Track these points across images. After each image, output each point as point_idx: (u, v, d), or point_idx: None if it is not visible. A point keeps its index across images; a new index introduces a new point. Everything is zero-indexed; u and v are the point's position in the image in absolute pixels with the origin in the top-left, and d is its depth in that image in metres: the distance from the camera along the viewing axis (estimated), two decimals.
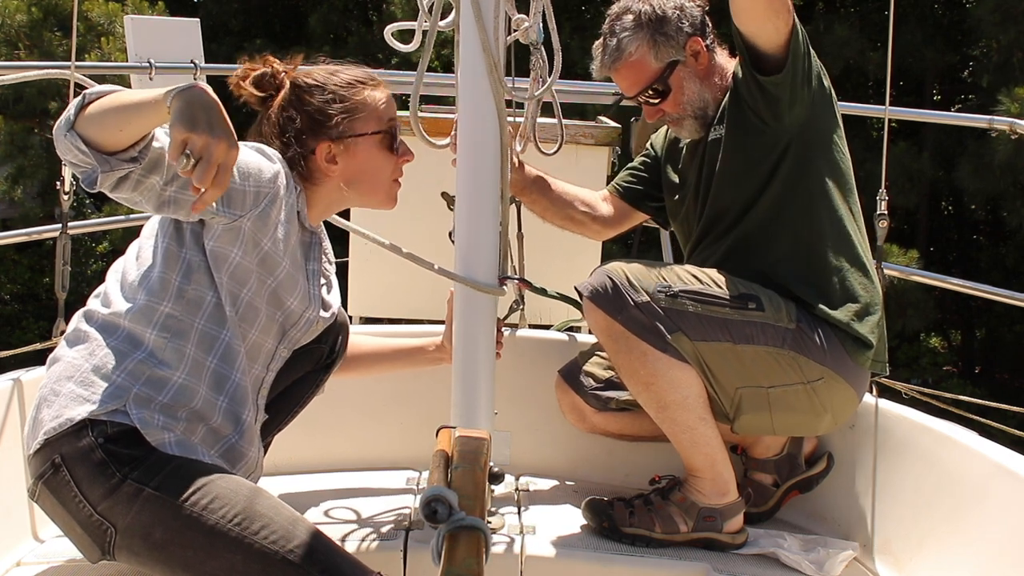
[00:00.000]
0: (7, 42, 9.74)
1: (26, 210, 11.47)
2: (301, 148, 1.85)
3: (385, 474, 2.49)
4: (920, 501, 2.15)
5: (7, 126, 10.58)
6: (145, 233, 1.82)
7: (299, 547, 1.55)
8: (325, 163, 1.87)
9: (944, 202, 11.67)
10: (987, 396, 3.88)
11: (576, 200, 2.50)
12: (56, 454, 1.60)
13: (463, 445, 1.30)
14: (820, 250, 2.13)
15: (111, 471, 1.57)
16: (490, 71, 1.95)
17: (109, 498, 1.57)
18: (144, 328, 1.69)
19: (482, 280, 1.98)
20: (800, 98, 2.11)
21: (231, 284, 1.73)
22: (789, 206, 2.14)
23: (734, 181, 2.19)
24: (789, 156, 2.14)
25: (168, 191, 1.59)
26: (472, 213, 1.99)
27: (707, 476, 2.13)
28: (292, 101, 1.88)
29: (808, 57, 2.11)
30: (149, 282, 1.72)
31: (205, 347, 1.72)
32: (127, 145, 1.52)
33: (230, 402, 1.74)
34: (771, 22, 2.02)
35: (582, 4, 10.16)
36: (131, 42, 3.41)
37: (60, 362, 1.71)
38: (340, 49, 11.26)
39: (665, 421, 2.12)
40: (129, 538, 1.57)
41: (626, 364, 2.09)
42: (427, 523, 1.05)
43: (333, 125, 1.87)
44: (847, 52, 8.52)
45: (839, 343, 2.09)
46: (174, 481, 1.57)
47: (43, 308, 11.93)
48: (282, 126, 1.86)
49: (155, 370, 1.67)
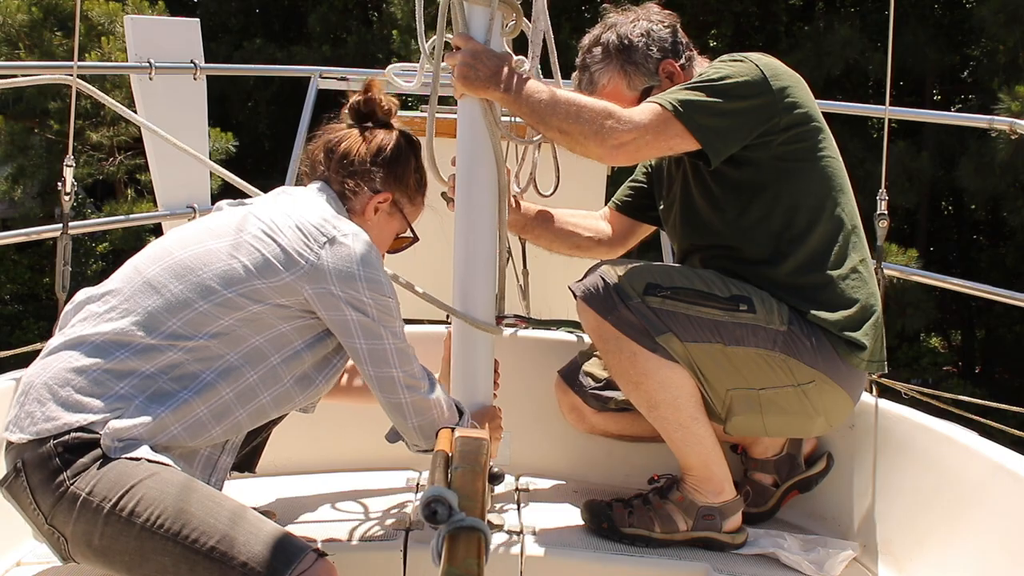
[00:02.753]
0: (7, 42, 9.75)
1: (26, 210, 11.49)
2: (373, 185, 1.95)
3: (385, 474, 2.49)
4: (920, 501, 2.15)
5: (7, 126, 10.59)
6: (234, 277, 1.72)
7: (221, 542, 1.53)
8: (371, 207, 1.95)
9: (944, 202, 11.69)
10: (987, 396, 3.89)
11: (579, 228, 2.50)
12: (19, 459, 1.59)
13: (463, 445, 1.30)
14: (810, 255, 2.11)
15: (60, 479, 1.56)
16: (485, 113, 1.99)
17: (56, 506, 1.56)
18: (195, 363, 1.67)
19: (480, 319, 2.06)
20: (767, 141, 2.08)
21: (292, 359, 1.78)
22: (775, 214, 2.11)
23: (714, 194, 2.17)
24: (769, 170, 2.10)
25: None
26: (470, 253, 2.05)
27: (701, 475, 2.13)
28: (402, 148, 1.99)
29: (751, 119, 2.05)
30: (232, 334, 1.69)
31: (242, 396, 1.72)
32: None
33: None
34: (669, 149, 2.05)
35: (582, 4, 10.17)
36: (131, 42, 3.41)
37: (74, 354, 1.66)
38: (340, 48, 11.28)
39: (657, 420, 2.12)
40: (76, 545, 1.57)
41: (616, 364, 2.10)
42: (427, 523, 1.06)
43: (408, 190, 2.00)
44: (847, 52, 8.52)
45: (831, 346, 2.08)
46: (104, 485, 1.55)
47: (43, 308, 11.95)
48: (378, 158, 1.96)
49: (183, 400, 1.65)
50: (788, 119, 2.08)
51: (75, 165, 2.70)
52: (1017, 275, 9.46)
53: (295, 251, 1.71)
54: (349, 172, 1.94)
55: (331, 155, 1.96)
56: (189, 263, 1.71)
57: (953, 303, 10.37)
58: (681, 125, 1.99)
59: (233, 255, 1.70)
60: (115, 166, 10.68)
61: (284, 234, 1.72)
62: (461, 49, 1.97)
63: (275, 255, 1.70)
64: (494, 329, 2.08)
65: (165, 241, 1.79)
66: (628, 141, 1.98)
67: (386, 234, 2.01)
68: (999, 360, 11.30)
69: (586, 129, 1.98)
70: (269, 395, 1.73)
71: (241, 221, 1.76)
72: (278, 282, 1.70)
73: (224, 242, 1.72)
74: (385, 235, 2.01)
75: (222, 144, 9.29)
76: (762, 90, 2.05)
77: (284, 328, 1.73)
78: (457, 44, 1.98)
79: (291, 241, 1.72)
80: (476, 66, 1.96)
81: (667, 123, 1.99)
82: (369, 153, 1.95)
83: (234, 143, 9.48)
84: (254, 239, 1.72)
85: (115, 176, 10.91)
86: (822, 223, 2.12)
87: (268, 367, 1.72)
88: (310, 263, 1.71)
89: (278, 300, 1.71)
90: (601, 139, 1.98)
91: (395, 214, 1.99)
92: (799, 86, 2.12)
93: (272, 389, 1.74)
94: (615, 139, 1.97)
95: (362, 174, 1.94)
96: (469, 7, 1.97)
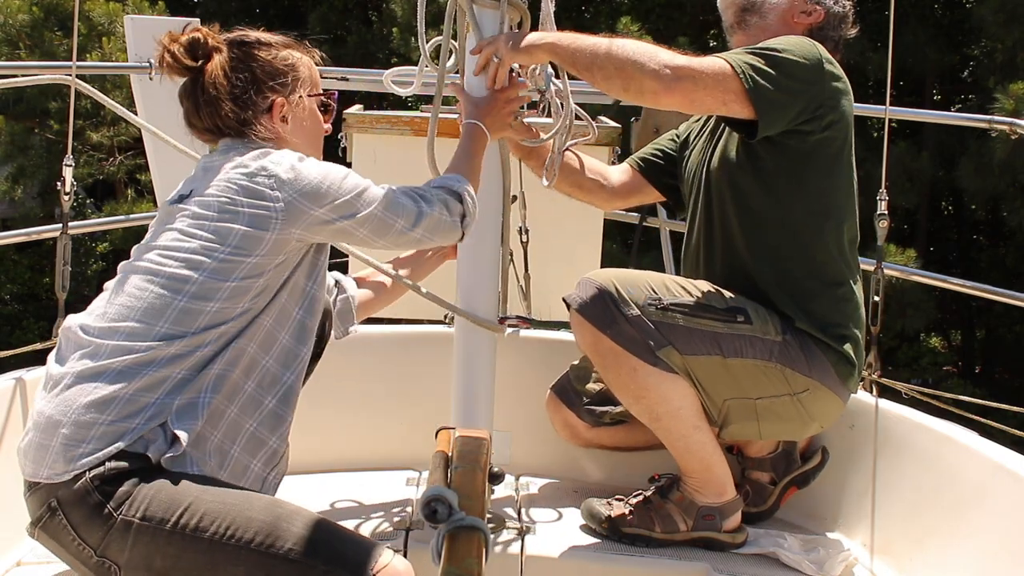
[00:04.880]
0: (8, 41, 9.75)
1: (26, 210, 11.49)
2: (256, 107, 1.81)
3: (385, 474, 2.49)
4: (920, 501, 2.15)
5: (8, 126, 10.59)
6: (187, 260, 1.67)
7: (298, 544, 1.53)
8: (276, 121, 1.83)
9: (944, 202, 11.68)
10: (987, 396, 3.88)
11: (585, 167, 2.45)
12: (52, 498, 1.56)
13: (463, 445, 1.30)
14: (812, 258, 2.11)
15: (106, 512, 1.53)
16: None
17: (107, 537, 1.54)
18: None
19: (483, 316, 2.06)
20: (807, 131, 2.07)
21: (288, 299, 1.74)
22: (791, 209, 2.11)
23: (729, 184, 2.17)
24: (797, 160, 2.10)
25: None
26: (473, 254, 2.05)
27: (703, 477, 2.13)
28: (240, 58, 1.82)
29: (802, 100, 2.04)
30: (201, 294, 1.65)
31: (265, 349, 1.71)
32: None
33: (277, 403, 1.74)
34: (720, 109, 2.01)
35: (582, 4, 10.17)
36: (131, 42, 3.40)
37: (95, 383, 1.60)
38: (339, 48, 11.26)
39: (659, 431, 2.12)
40: (134, 571, 1.55)
41: (615, 379, 2.09)
42: (427, 523, 1.06)
43: (287, 82, 1.84)
44: (847, 52, 8.49)
45: (823, 355, 2.09)
46: (158, 508, 1.53)
47: (43, 308, 11.94)
48: (234, 85, 1.80)
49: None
50: (832, 115, 2.07)
51: (75, 165, 2.69)
52: (1017, 275, 9.45)
53: (260, 208, 1.66)
54: (232, 120, 1.81)
55: (202, 113, 1.82)
56: (176, 273, 1.65)
57: (953, 303, 10.35)
58: (741, 86, 1.95)
59: (212, 246, 1.66)
60: (115, 166, 10.68)
61: (238, 200, 1.66)
62: (489, 42, 1.95)
63: (247, 223, 1.65)
64: (497, 328, 2.08)
65: (135, 259, 1.73)
66: (687, 77, 1.93)
67: (310, 127, 1.89)
68: (999, 360, 11.29)
69: (644, 65, 1.93)
70: (288, 334, 1.73)
71: (194, 213, 1.70)
72: (267, 245, 1.66)
73: (195, 242, 1.66)
74: (310, 130, 1.89)
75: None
76: (820, 77, 2.05)
77: (281, 271, 1.71)
78: (482, 46, 1.96)
79: (249, 201, 1.66)
80: (518, 37, 1.94)
81: (729, 80, 1.96)
82: (226, 92, 1.80)
83: None
84: (218, 220, 1.66)
85: (115, 176, 10.91)
86: (830, 228, 2.12)
87: (279, 306, 1.71)
88: (279, 208, 1.66)
89: (275, 260, 1.68)
90: (659, 73, 1.92)
91: (298, 106, 1.86)
92: (849, 87, 2.14)
93: (286, 326, 1.73)
94: (676, 72, 1.93)
95: (241, 110, 1.80)
96: (479, 10, 1.96)
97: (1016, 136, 3.00)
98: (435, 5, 2.02)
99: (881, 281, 2.58)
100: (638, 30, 8.79)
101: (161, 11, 9.66)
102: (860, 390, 2.43)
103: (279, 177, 1.67)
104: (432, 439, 1.50)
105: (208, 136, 1.85)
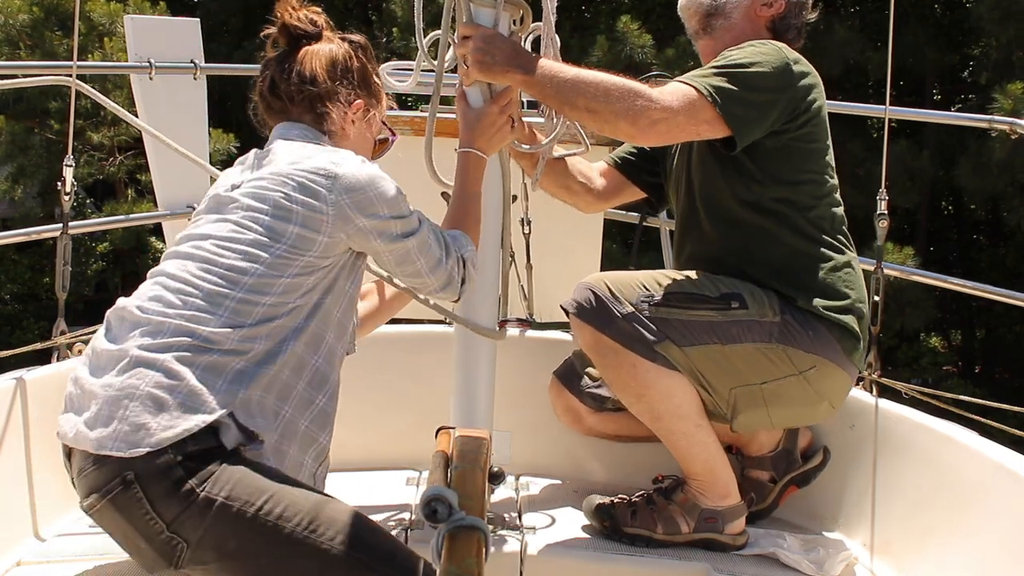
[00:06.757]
0: (9, 41, 9.76)
1: (26, 210, 11.50)
2: (340, 97, 1.87)
3: (385, 474, 2.49)
4: (920, 501, 2.15)
5: (8, 126, 10.61)
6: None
7: (370, 549, 1.57)
8: (348, 121, 1.88)
9: (944, 202, 11.68)
10: (987, 396, 3.88)
11: (574, 170, 2.46)
12: (128, 471, 1.54)
13: (463, 445, 1.30)
14: (807, 239, 2.12)
15: (187, 487, 1.52)
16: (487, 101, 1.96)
17: (184, 513, 1.53)
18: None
19: (483, 324, 2.06)
20: (784, 130, 2.08)
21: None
22: (775, 192, 2.11)
23: (710, 176, 2.17)
24: (777, 154, 2.10)
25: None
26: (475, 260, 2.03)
27: (706, 480, 2.13)
28: (348, 52, 1.89)
29: (776, 110, 2.04)
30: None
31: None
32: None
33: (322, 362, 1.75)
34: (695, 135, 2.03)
35: (582, 4, 10.17)
36: (131, 42, 3.41)
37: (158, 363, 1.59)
38: None
39: (661, 431, 2.12)
40: (201, 551, 1.54)
41: (616, 377, 2.09)
42: (427, 523, 1.06)
43: (372, 93, 1.93)
44: (847, 52, 8.52)
45: (826, 330, 2.08)
46: (243, 491, 1.54)
47: (43, 308, 11.94)
48: (333, 68, 1.87)
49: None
50: (806, 115, 2.09)
51: (75, 165, 2.69)
52: (1017, 275, 9.46)
53: (313, 209, 1.68)
54: (315, 96, 1.85)
55: (290, 82, 1.85)
56: (234, 265, 1.66)
57: (953, 303, 10.35)
58: (714, 112, 1.97)
59: (267, 241, 1.68)
60: (115, 166, 10.68)
61: (294, 197, 1.69)
62: (472, 36, 1.92)
63: (300, 223, 1.68)
64: (497, 335, 2.08)
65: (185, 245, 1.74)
66: (660, 120, 1.95)
67: (367, 142, 1.95)
68: (999, 360, 11.30)
69: (616, 108, 1.94)
70: (332, 333, 1.75)
71: (248, 205, 1.71)
72: (319, 247, 1.69)
73: (251, 235, 1.68)
74: (366, 144, 1.95)
75: (224, 145, 9.29)
76: (790, 82, 2.06)
77: (329, 271, 1.74)
78: (465, 33, 1.93)
79: (303, 200, 1.68)
80: (491, 50, 1.91)
81: (699, 109, 1.97)
82: (324, 69, 1.86)
83: (235, 144, 9.47)
84: (273, 216, 1.68)
85: (115, 176, 10.91)
86: (820, 209, 2.13)
87: (324, 307, 1.73)
88: (330, 212, 1.69)
89: (325, 261, 1.71)
90: (633, 118, 1.94)
91: (371, 119, 1.93)
92: (818, 79, 2.14)
93: (330, 325, 1.75)
94: (647, 117, 1.94)
95: (327, 92, 1.86)
96: (475, 8, 1.95)
97: (1016, 136, 3.00)
98: (435, 5, 2.01)
99: (881, 281, 2.58)
100: (638, 29, 8.81)
101: (162, 11, 9.67)
102: (860, 390, 2.43)
103: (337, 178, 1.70)
104: (432, 439, 1.50)
105: (274, 114, 1.88)
